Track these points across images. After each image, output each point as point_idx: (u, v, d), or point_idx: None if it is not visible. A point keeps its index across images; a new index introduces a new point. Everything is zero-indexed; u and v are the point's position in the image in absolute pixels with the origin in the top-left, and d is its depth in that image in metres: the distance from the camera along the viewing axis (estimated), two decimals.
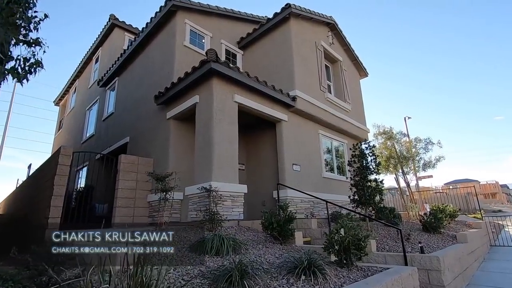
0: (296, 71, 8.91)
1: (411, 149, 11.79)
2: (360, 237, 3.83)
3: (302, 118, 9.12)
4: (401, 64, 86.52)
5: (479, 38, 57.94)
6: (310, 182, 8.70)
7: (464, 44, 70.29)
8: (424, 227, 7.75)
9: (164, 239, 2.87)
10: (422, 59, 78.48)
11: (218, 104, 6.57)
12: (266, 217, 4.56)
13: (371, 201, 7.06)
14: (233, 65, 6.80)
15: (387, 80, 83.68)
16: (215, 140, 6.29)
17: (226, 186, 6.13)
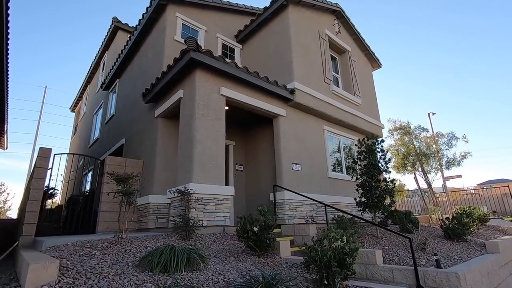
0: (295, 61, 8.14)
1: (432, 145, 10.55)
2: (346, 251, 3.01)
3: (303, 113, 8.32)
4: (426, 58, 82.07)
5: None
6: (313, 183, 7.86)
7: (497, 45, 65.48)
8: (446, 234, 6.66)
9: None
10: (451, 56, 73.97)
11: (201, 98, 5.97)
12: (241, 224, 3.87)
13: (380, 204, 6.12)
14: (220, 56, 6.19)
15: (410, 75, 79.82)
16: (197, 137, 5.68)
17: (209, 188, 5.49)
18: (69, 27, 73.22)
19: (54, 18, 67.95)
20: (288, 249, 4.54)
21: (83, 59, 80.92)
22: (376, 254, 4.78)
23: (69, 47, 72.53)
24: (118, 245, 3.86)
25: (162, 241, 4.33)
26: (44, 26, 65.07)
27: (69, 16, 71.80)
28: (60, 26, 69.90)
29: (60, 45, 69.75)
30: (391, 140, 11.47)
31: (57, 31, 68.92)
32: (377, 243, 5.89)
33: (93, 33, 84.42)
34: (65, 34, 71.92)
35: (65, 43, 72.18)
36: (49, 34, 66.12)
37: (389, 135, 11.43)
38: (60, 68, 71.20)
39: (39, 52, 64.98)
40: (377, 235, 6.37)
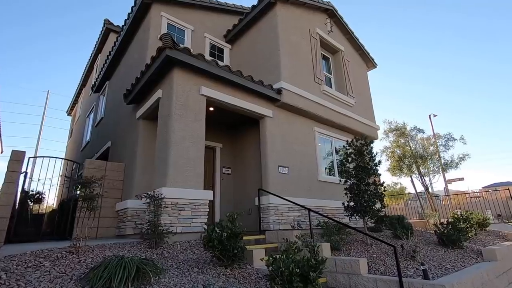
0: (283, 60, 7.86)
1: (429, 147, 10.16)
2: (312, 264, 2.68)
3: (292, 114, 8.01)
4: (425, 59, 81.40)
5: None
6: (302, 187, 7.53)
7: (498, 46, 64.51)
8: (441, 240, 6.29)
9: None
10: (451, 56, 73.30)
11: (179, 97, 5.70)
12: (208, 232, 3.56)
13: (368, 208, 5.78)
14: (199, 54, 5.92)
15: (409, 76, 79.26)
16: (174, 139, 5.40)
17: (185, 193, 5.19)
18: (79, 34, 73.85)
19: (59, 25, 68.61)
20: (263, 257, 4.20)
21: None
22: (360, 263, 4.44)
23: (76, 53, 73.18)
24: (75, 254, 3.57)
25: (127, 249, 4.04)
26: (49, 33, 65.74)
27: (76, 24, 72.43)
28: (65, 33, 70.59)
29: (68, 51, 70.36)
30: (387, 141, 11.12)
31: (63, 38, 69.51)
32: (365, 251, 5.54)
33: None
34: (73, 41, 72.69)
35: (72, 49, 72.79)
36: (55, 42, 66.72)
37: (385, 137, 11.07)
38: (64, 74, 71.75)
39: (47, 58, 65.67)
40: (367, 242, 6.02)
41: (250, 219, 7.28)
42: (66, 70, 73.45)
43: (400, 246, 5.56)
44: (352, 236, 6.59)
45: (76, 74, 74.29)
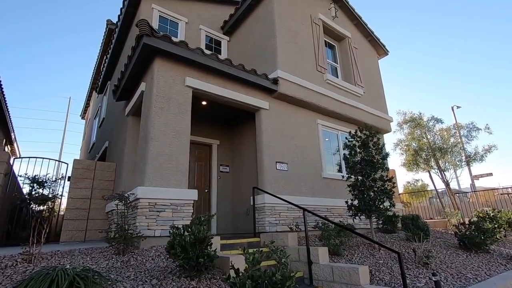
0: (280, 48, 7.26)
1: (449, 139, 9.15)
2: (276, 279, 2.09)
3: (291, 106, 7.39)
4: (444, 46, 76.91)
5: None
6: (304, 185, 6.90)
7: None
8: (462, 243, 5.48)
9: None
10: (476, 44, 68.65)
11: (160, 89, 5.25)
12: (172, 236, 3.06)
13: (374, 207, 5.07)
14: (181, 41, 5.46)
15: (427, 64, 75.30)
16: (153, 134, 4.96)
17: (166, 192, 4.73)
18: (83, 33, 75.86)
19: (62, 23, 70.76)
20: (242, 266, 3.64)
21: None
22: (360, 272, 3.80)
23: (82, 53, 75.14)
24: (27, 263, 3.19)
25: (91, 256, 3.62)
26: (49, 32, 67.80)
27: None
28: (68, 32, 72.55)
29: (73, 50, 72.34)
30: (401, 134, 10.16)
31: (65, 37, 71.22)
32: (371, 256, 4.86)
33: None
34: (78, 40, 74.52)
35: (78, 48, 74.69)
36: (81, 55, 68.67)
37: (399, 129, 10.14)
38: (72, 74, 73.52)
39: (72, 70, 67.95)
40: (374, 246, 5.32)
41: (249, 220, 6.74)
42: (74, 70, 75.06)
43: (412, 250, 4.84)
44: (358, 239, 5.90)
45: (84, 75, 76.33)
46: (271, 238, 5.30)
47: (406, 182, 25.04)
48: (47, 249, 4.05)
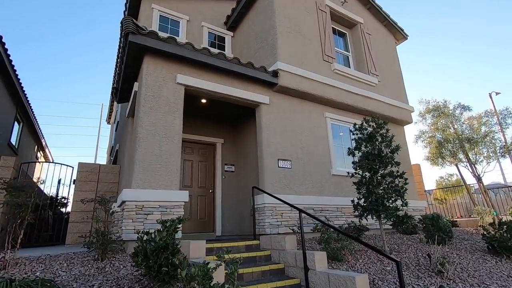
0: (281, 38, 6.84)
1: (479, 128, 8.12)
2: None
3: (295, 99, 6.95)
4: (473, 28, 69.80)
5: None
6: (311, 183, 6.45)
7: None
8: (491, 246, 4.75)
9: None
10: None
11: (149, 88, 5.10)
12: (140, 243, 2.83)
13: (382, 207, 4.53)
14: (169, 37, 5.26)
15: (455, 49, 68.80)
16: (141, 134, 4.81)
17: (154, 194, 4.56)
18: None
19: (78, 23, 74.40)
20: (221, 275, 3.33)
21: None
22: (357, 281, 3.36)
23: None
24: (1, 270, 3.13)
25: (69, 262, 3.51)
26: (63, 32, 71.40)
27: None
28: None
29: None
30: (424, 125, 9.21)
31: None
32: (378, 261, 4.34)
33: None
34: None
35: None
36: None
37: (421, 119, 9.20)
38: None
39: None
40: (384, 249, 4.77)
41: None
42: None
43: (427, 255, 4.25)
44: (367, 241, 5.36)
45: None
46: (269, 241, 4.96)
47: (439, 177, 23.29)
48: (39, 253, 4.04)
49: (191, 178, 7.19)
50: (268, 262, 4.71)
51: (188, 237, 6.56)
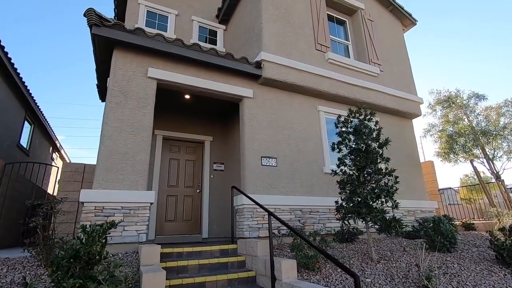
0: (266, 27, 6.38)
1: (498, 119, 7.17)
2: None
3: (284, 92, 6.47)
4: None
5: None
6: (300, 182, 5.95)
7: None
8: (500, 256, 4.06)
9: None
10: None
11: (117, 83, 4.84)
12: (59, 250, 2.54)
13: (364, 209, 3.97)
14: (137, 28, 4.97)
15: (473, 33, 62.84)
16: (106, 131, 4.56)
17: (116, 195, 4.28)
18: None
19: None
20: (160, 285, 2.94)
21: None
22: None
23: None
24: None
25: (11, 268, 3.29)
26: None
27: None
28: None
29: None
30: (434, 117, 8.31)
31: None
32: (360, 271, 3.79)
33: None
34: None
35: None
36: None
37: (430, 112, 8.33)
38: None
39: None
40: (372, 257, 4.20)
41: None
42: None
43: (416, 265, 3.66)
44: (353, 247, 4.81)
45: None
46: (245, 245, 4.55)
47: (463, 176, 21.70)
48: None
49: (177, 177, 6.91)
50: (241, 269, 4.30)
51: (171, 240, 6.30)
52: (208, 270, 4.17)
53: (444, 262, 4.18)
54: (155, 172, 6.58)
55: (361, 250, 4.75)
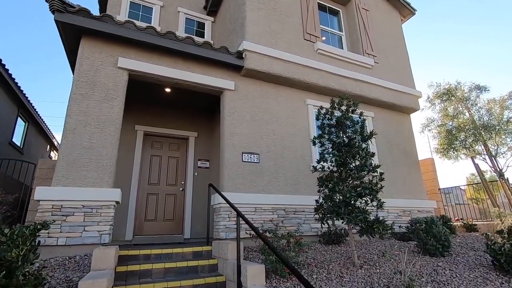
0: (250, 16, 6.02)
1: (502, 112, 6.65)
2: None
3: (269, 84, 6.10)
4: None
5: None
6: (283, 180, 5.58)
7: None
8: (496, 262, 3.63)
9: None
10: None
11: (83, 73, 4.53)
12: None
13: (343, 209, 3.59)
14: (105, 14, 4.66)
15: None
16: (69, 125, 4.25)
17: (76, 193, 3.98)
18: None
19: None
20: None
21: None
22: None
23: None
24: None
25: None
26: None
27: None
28: None
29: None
30: (433, 112, 7.82)
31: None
32: (337, 278, 3.42)
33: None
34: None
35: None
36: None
37: (429, 106, 7.83)
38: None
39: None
40: (354, 262, 3.81)
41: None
42: None
43: (399, 272, 3.26)
44: (335, 250, 4.43)
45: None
46: (218, 247, 4.21)
47: (470, 174, 21.00)
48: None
49: (158, 175, 6.60)
50: (211, 274, 3.95)
51: (151, 241, 5.99)
52: (175, 275, 3.84)
53: (435, 268, 3.77)
54: (134, 170, 6.28)
55: (346, 253, 4.36)
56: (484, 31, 68.50)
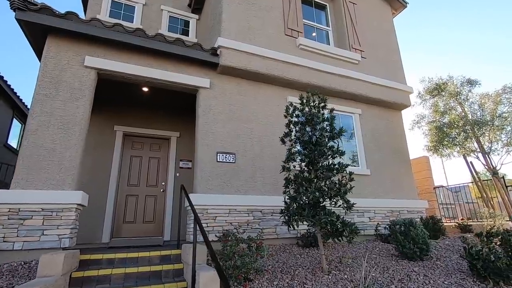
0: (227, 11, 5.84)
1: (495, 108, 6.31)
2: None
3: (248, 82, 5.91)
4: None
5: None
6: (261, 180, 5.39)
7: None
8: (473, 268, 3.38)
9: None
10: None
11: (47, 73, 4.43)
12: None
13: (306, 211, 3.38)
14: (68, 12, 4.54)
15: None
16: (31, 126, 4.15)
17: (35, 195, 3.86)
18: None
19: None
20: None
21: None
22: None
23: None
24: None
25: None
26: None
27: None
28: None
29: None
30: (424, 108, 7.49)
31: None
32: (299, 286, 3.21)
33: None
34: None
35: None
36: None
37: (420, 102, 7.49)
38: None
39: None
40: (323, 267, 3.60)
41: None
42: None
43: (364, 279, 3.04)
44: (306, 253, 4.22)
45: None
46: (185, 251, 4.04)
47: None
48: None
49: (138, 176, 6.47)
50: (174, 279, 3.79)
51: (129, 243, 5.84)
52: (135, 280, 3.69)
53: (409, 273, 3.53)
54: (113, 171, 6.16)
55: (310, 261, 4.14)
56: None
